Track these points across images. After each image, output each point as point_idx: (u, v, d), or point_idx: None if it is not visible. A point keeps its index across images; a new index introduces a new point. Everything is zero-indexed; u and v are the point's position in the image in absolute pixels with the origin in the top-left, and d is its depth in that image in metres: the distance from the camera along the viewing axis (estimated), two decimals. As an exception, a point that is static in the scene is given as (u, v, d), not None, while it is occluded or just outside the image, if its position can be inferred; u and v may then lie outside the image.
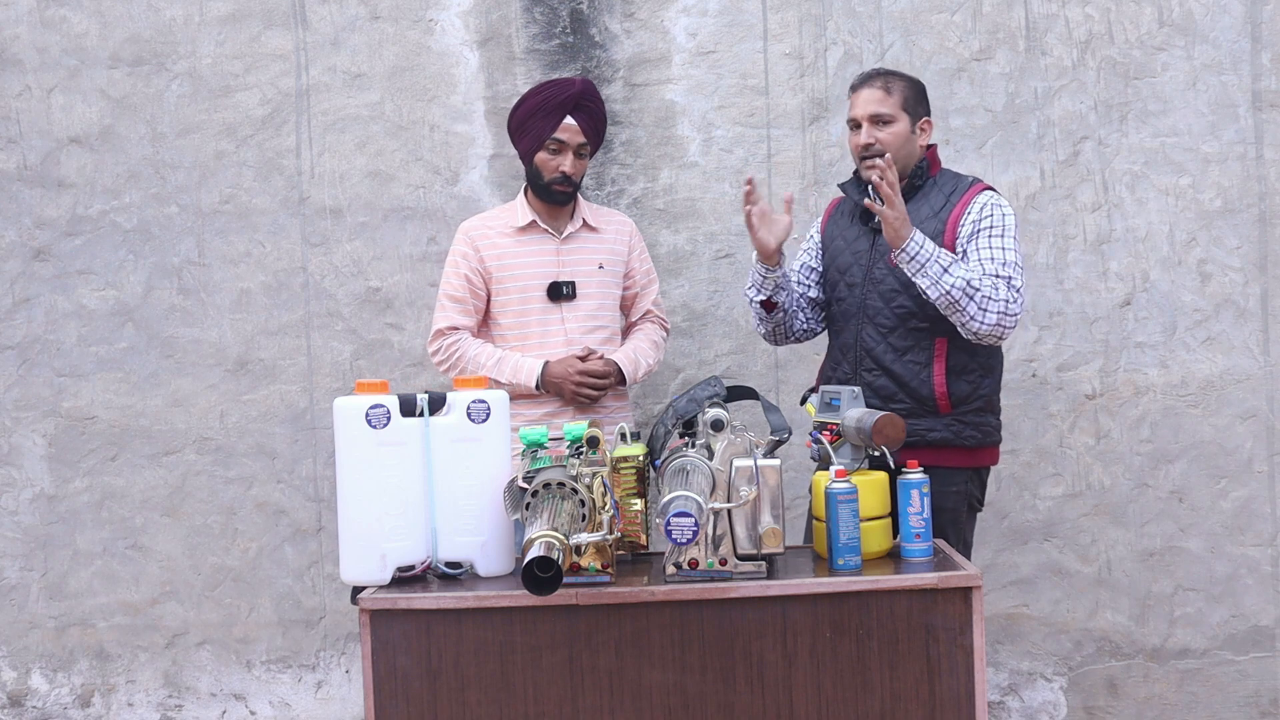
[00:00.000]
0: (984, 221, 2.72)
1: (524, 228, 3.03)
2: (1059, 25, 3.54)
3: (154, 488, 3.66)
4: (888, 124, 2.77)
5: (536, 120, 2.95)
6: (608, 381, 2.96)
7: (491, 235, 3.04)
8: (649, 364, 3.08)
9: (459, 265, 3.03)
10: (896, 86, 2.80)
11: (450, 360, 3.00)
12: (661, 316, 3.21)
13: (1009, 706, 3.57)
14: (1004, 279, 2.67)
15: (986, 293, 2.62)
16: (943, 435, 2.73)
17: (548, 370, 2.93)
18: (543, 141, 2.95)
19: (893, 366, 2.74)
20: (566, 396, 2.94)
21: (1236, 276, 3.54)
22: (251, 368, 3.64)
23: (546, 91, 2.98)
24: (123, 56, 3.63)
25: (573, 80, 3.02)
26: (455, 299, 3.02)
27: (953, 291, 2.61)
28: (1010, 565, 3.56)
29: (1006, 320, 2.66)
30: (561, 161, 2.95)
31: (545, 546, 1.91)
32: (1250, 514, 3.55)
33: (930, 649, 2.15)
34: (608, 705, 2.16)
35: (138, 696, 3.68)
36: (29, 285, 3.66)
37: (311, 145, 3.63)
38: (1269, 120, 3.52)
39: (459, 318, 3.02)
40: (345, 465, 2.26)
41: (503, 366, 2.95)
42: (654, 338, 3.15)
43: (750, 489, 2.14)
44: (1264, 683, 3.55)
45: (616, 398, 3.06)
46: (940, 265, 2.62)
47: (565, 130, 2.95)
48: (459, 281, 3.02)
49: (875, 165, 2.66)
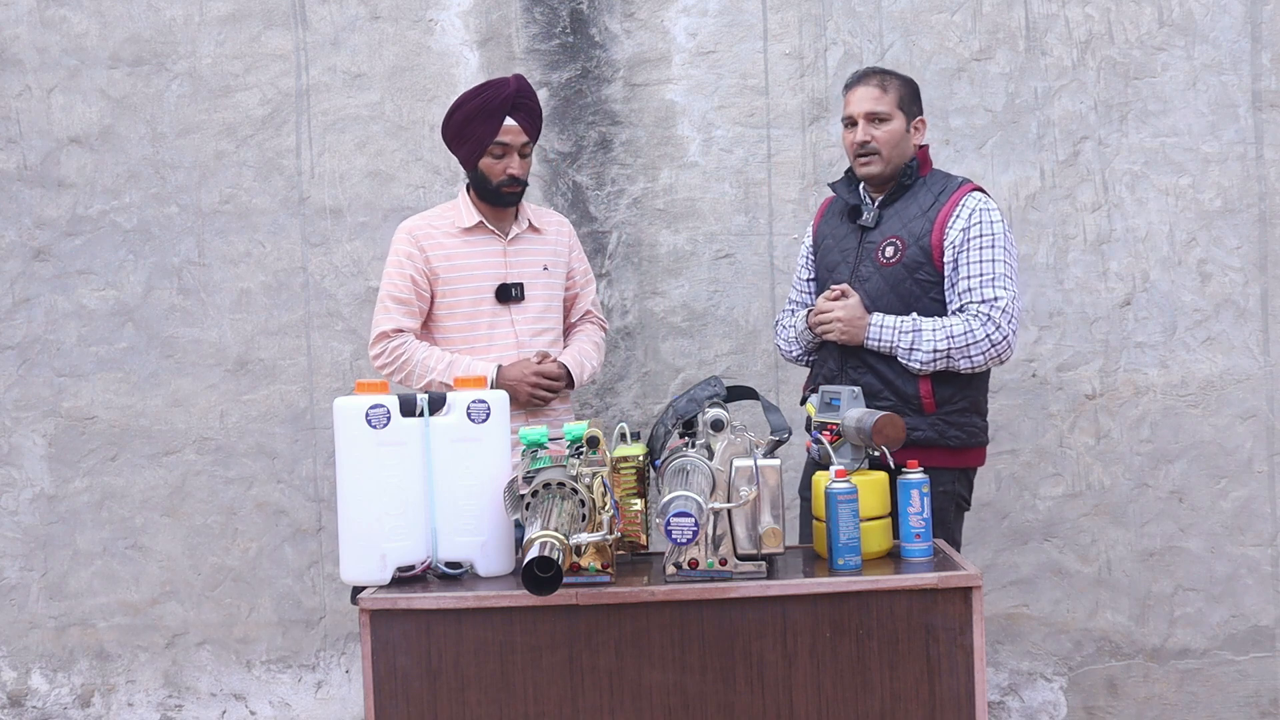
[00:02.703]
0: (973, 230, 2.71)
1: (470, 229, 2.95)
2: (1059, 25, 3.54)
3: (154, 488, 3.66)
4: (883, 122, 2.77)
5: (475, 126, 2.88)
6: (560, 384, 2.92)
7: (436, 235, 2.95)
8: (593, 366, 3.05)
9: (404, 265, 2.92)
10: (892, 85, 2.80)
11: (396, 364, 2.91)
12: (600, 317, 3.18)
13: (1009, 706, 3.57)
14: (989, 303, 2.67)
15: (962, 343, 2.66)
16: (927, 435, 2.73)
17: (502, 373, 2.87)
18: (485, 146, 2.88)
19: (878, 365, 2.74)
20: (521, 399, 2.86)
21: (1236, 276, 3.54)
22: (251, 368, 3.65)
23: (483, 95, 2.90)
24: (123, 56, 3.63)
25: (506, 80, 2.93)
26: (399, 300, 2.92)
27: (929, 363, 2.68)
28: (1010, 565, 3.57)
29: (995, 353, 2.69)
30: (508, 164, 2.89)
31: (545, 547, 1.91)
32: (1250, 514, 3.55)
33: (930, 649, 2.15)
34: (608, 705, 2.16)
35: (138, 696, 3.68)
36: (29, 285, 3.66)
37: (311, 145, 3.63)
38: (1269, 120, 3.52)
39: (403, 320, 2.92)
40: (345, 465, 2.26)
41: (454, 370, 2.87)
42: (595, 339, 3.12)
43: (750, 489, 2.14)
44: (1264, 683, 3.55)
45: (561, 400, 3.02)
46: (904, 348, 2.68)
47: (507, 132, 2.88)
48: (404, 283, 2.92)
49: (815, 316, 2.80)
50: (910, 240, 2.73)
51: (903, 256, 2.73)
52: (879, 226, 2.79)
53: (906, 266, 2.72)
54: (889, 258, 2.74)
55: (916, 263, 2.72)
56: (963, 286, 2.70)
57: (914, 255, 2.72)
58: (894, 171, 2.80)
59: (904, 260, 2.72)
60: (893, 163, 2.79)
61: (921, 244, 2.72)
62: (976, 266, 2.70)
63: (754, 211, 3.60)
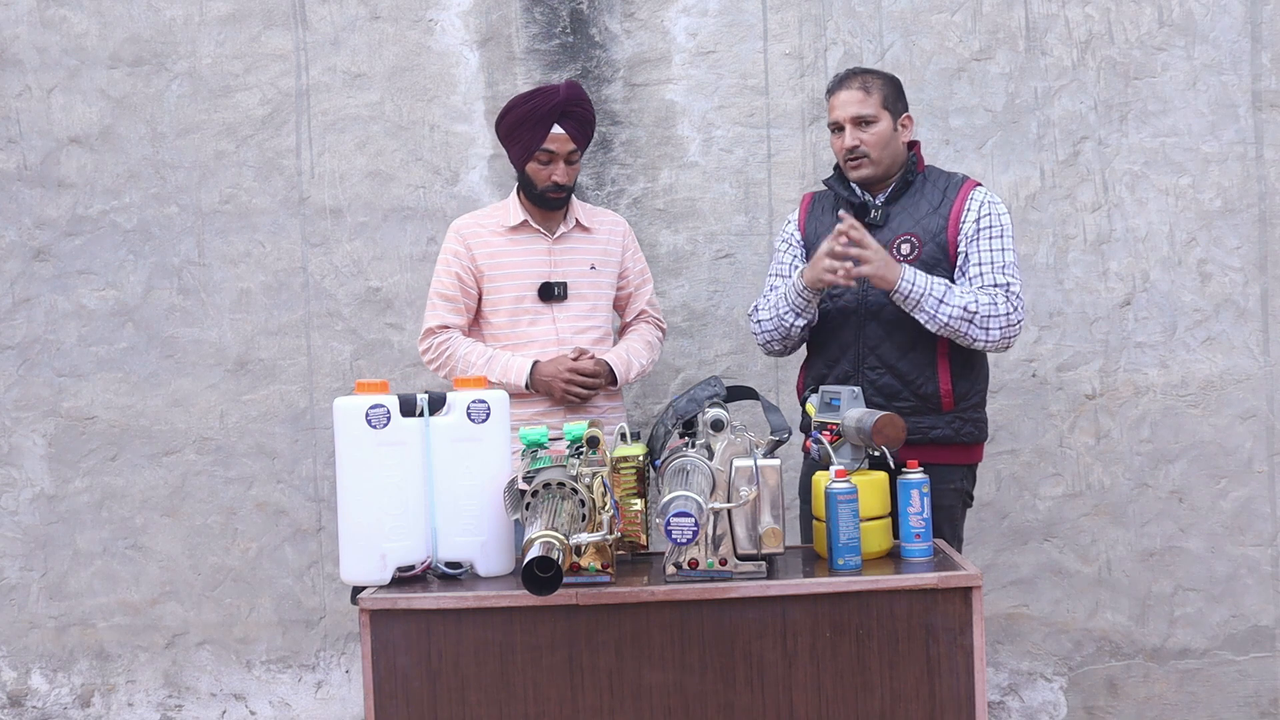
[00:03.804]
0: (983, 221, 2.74)
1: (516, 227, 3.01)
2: (1059, 25, 3.54)
3: (154, 488, 3.66)
4: (870, 124, 2.77)
5: (524, 131, 2.92)
6: (598, 381, 2.94)
7: (483, 234, 3.02)
8: (642, 365, 3.06)
9: (450, 264, 3.01)
10: (875, 85, 2.79)
11: (440, 359, 2.99)
12: (657, 316, 3.20)
13: (1009, 706, 3.57)
14: (1002, 287, 2.69)
15: (985, 312, 2.65)
16: (944, 432, 2.74)
17: (537, 370, 2.92)
18: (532, 152, 2.93)
19: (897, 364, 2.74)
20: (556, 396, 2.92)
21: (1236, 276, 3.54)
22: (251, 368, 3.65)
23: (533, 102, 2.93)
24: (123, 56, 3.63)
25: (556, 88, 2.96)
26: (446, 297, 3.00)
27: (951, 321, 2.65)
28: (1010, 565, 3.57)
29: (1010, 332, 2.70)
30: (553, 171, 2.93)
31: (545, 546, 1.91)
32: (1250, 514, 3.55)
33: (930, 649, 2.15)
34: (608, 705, 2.16)
35: (138, 696, 3.68)
36: (29, 285, 3.66)
37: (311, 145, 3.63)
38: (1269, 120, 3.52)
39: (450, 316, 3.00)
40: (345, 465, 2.26)
41: (493, 366, 2.93)
42: (648, 338, 3.14)
43: (750, 489, 2.14)
44: (1264, 683, 3.55)
45: (609, 398, 3.04)
46: (935, 298, 2.64)
47: (554, 140, 2.92)
48: (450, 280, 3.00)
49: (839, 234, 2.64)
50: (926, 237, 2.74)
51: (920, 253, 2.74)
52: (888, 224, 2.79)
53: (924, 263, 2.73)
54: (905, 255, 2.74)
55: (934, 259, 2.74)
56: (974, 272, 2.72)
57: (931, 252, 2.74)
58: (886, 171, 2.80)
59: (922, 257, 2.73)
60: (883, 163, 2.79)
61: (938, 241, 2.74)
62: (988, 255, 2.73)
63: (754, 211, 3.60)
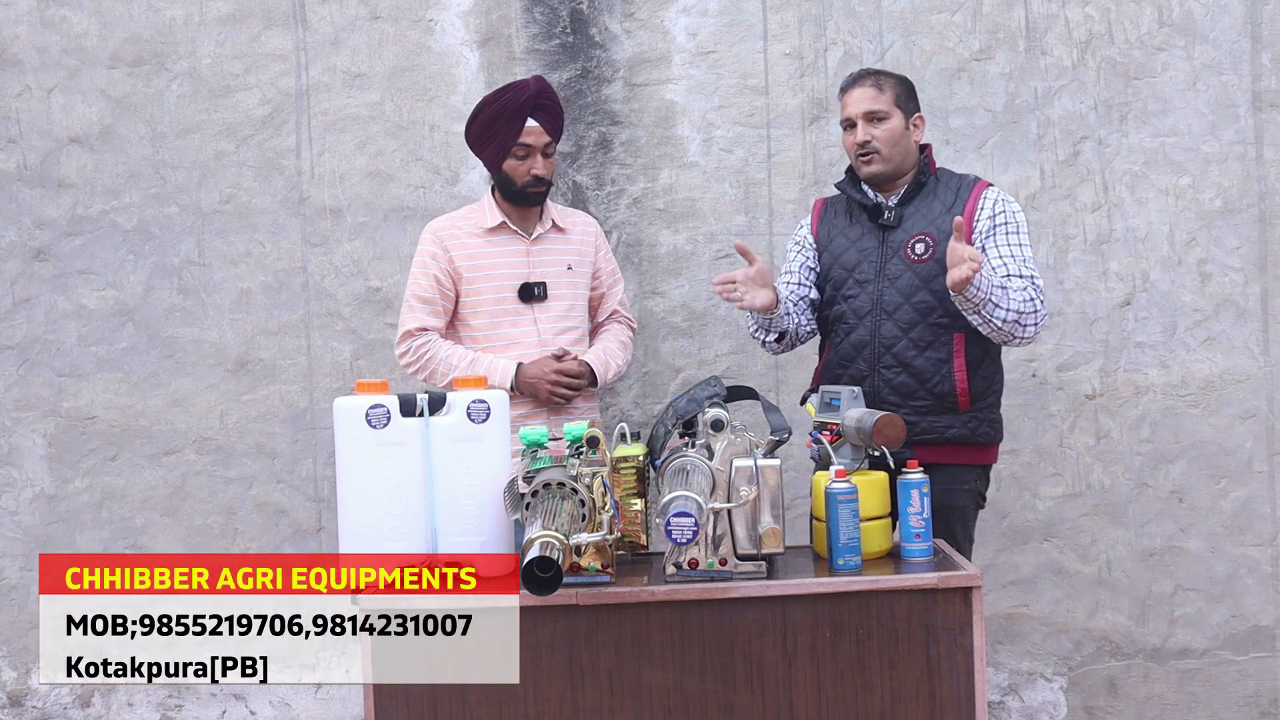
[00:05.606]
0: (999, 219, 2.76)
1: (494, 229, 3.00)
2: (1059, 25, 3.54)
3: (154, 488, 3.66)
4: (882, 120, 2.80)
5: (499, 127, 2.92)
6: (582, 382, 2.94)
7: (460, 236, 3.00)
8: (618, 365, 3.07)
9: (428, 266, 2.98)
10: (888, 84, 2.83)
11: (420, 362, 2.96)
12: (628, 316, 3.20)
13: (1009, 706, 3.57)
14: (1027, 279, 2.71)
15: (1031, 308, 2.66)
16: (960, 432, 2.74)
17: (522, 371, 2.91)
18: (508, 149, 2.92)
19: (914, 363, 2.74)
20: (541, 397, 2.91)
21: (1236, 276, 3.54)
22: (251, 368, 3.65)
23: (504, 98, 2.93)
24: (123, 56, 3.63)
25: (526, 82, 2.97)
26: (424, 300, 2.98)
27: (1010, 321, 2.64)
28: (1010, 565, 3.56)
29: (1041, 326, 2.73)
30: (532, 165, 2.93)
31: (545, 546, 1.91)
32: (1250, 514, 3.55)
33: (930, 649, 2.15)
34: (608, 705, 2.16)
35: (138, 696, 3.67)
36: (29, 285, 3.66)
37: (311, 145, 3.63)
38: (1269, 120, 3.52)
39: (428, 319, 2.97)
40: (345, 465, 2.26)
41: (476, 368, 2.91)
42: (621, 338, 3.14)
43: (750, 489, 2.14)
44: (1264, 683, 3.55)
45: (586, 399, 3.04)
46: (994, 302, 2.62)
47: (529, 134, 2.92)
48: (428, 282, 2.97)
49: (965, 262, 2.54)
50: (941, 237, 2.75)
51: (934, 253, 2.74)
52: (902, 225, 2.80)
53: (939, 262, 2.73)
54: (920, 254, 2.75)
55: None
56: (996, 265, 2.73)
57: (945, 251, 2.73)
58: (896, 169, 2.82)
59: (936, 256, 2.74)
60: (894, 160, 2.80)
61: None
62: (1008, 249, 2.75)
63: (754, 211, 3.60)
